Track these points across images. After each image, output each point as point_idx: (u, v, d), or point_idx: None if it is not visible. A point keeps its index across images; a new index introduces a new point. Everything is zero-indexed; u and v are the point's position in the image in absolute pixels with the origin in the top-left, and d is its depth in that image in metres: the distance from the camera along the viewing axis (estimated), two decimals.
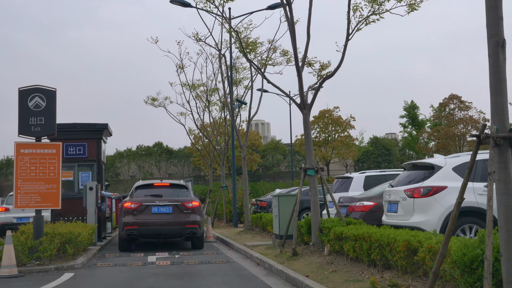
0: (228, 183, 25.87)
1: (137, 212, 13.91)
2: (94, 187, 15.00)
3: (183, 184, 15.08)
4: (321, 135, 42.32)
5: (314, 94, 10.86)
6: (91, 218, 14.90)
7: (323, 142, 42.32)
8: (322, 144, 42.42)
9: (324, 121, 41.12)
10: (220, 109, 27.04)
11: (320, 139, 42.29)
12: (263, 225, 17.31)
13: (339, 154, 40.68)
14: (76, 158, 16.44)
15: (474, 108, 40.07)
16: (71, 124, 16.54)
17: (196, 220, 14.06)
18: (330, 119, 40.68)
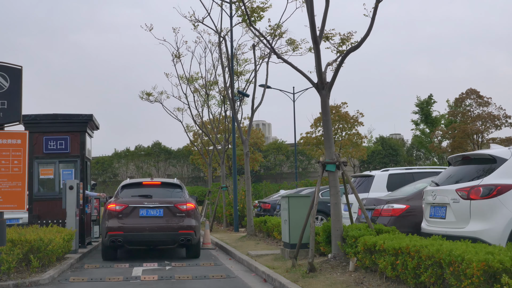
0: (229, 183, 23.87)
1: (123, 215, 11.93)
2: (75, 186, 13.02)
3: (176, 183, 13.09)
4: None
5: (335, 71, 8.87)
6: (71, 221, 12.91)
7: None
8: None
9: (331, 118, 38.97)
10: (219, 103, 25.05)
11: None
12: (268, 231, 15.31)
13: (347, 153, 38.47)
14: (57, 153, 14.47)
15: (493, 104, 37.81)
16: (51, 115, 14.56)
17: (191, 225, 12.08)
18: (337, 115, 38.46)
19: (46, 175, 14.50)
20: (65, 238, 10.94)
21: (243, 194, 21.06)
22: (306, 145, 41.68)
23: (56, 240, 10.23)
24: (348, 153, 38.94)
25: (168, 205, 12.08)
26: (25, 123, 14.35)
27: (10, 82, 9.40)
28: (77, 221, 13.13)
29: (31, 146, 14.41)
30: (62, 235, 10.94)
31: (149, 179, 13.14)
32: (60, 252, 10.63)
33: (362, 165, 54.75)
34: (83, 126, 14.67)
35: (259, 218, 16.72)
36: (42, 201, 14.29)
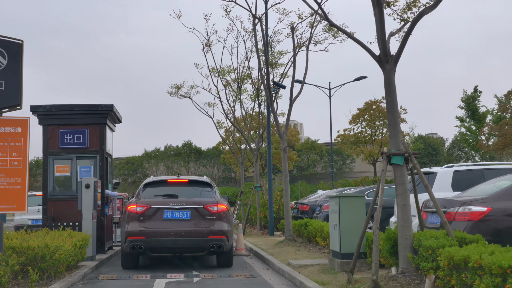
0: (262, 182, 22.20)
1: (144, 217, 10.35)
2: (91, 184, 11.50)
3: (206, 181, 11.46)
4: (366, 131, 37.96)
5: (402, 40, 7.11)
6: (87, 224, 11.40)
7: (370, 139, 37.93)
8: (369, 140, 38.01)
9: (371, 113, 36.81)
10: (252, 97, 23.38)
11: (365, 135, 37.95)
12: (309, 235, 13.58)
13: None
14: (74, 148, 13.01)
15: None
16: (67, 105, 13.10)
17: (222, 230, 10.44)
18: (378, 111, 36.31)
19: (62, 172, 13.05)
20: (77, 244, 9.41)
21: (279, 195, 19.37)
22: (343, 143, 39.56)
23: (65, 247, 8.69)
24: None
25: (197, 207, 10.46)
26: (39, 115, 13.00)
27: (8, 59, 7.90)
28: (94, 224, 11.62)
29: (45, 140, 13.01)
30: (74, 240, 9.41)
31: (175, 177, 11.54)
32: (71, 261, 9.10)
33: None
34: (102, 117, 13.17)
35: (298, 221, 15.01)
36: (57, 201, 12.85)
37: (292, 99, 14.75)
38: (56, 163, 13.02)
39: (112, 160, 14.69)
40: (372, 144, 38.29)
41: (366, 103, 37.60)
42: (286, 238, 14.43)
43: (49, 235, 9.49)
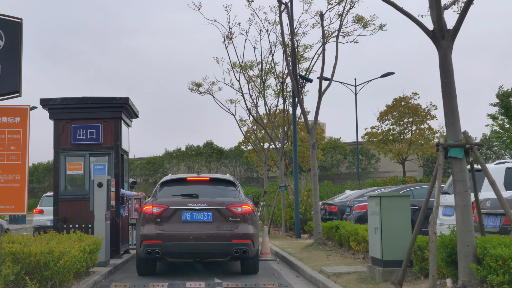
0: (288, 182, 21.13)
1: (161, 219, 9.38)
2: (104, 183, 10.58)
3: (229, 180, 10.45)
4: (394, 129, 36.49)
5: (462, 11, 6.00)
6: (100, 226, 10.48)
7: (398, 137, 36.45)
8: (397, 138, 36.53)
9: (399, 110, 35.38)
10: (277, 93, 22.31)
11: (394, 133, 36.48)
12: (340, 239, 12.49)
13: (419, 149, 34.76)
14: (87, 144, 12.11)
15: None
16: (79, 98, 12.21)
17: (247, 233, 9.41)
18: (407, 107, 34.87)
19: (74, 170, 12.16)
20: (86, 249, 8.46)
21: (306, 195, 18.30)
22: (370, 142, 38.08)
23: (72, 252, 7.75)
24: (419, 149, 35.15)
25: (219, 207, 9.46)
26: (50, 108, 12.13)
27: (6, 40, 6.97)
28: (108, 226, 10.69)
29: (56, 136, 12.13)
30: (83, 244, 8.46)
31: (195, 175, 10.54)
32: (80, 267, 8.15)
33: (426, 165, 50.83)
34: (117, 111, 12.25)
35: (327, 223, 13.93)
36: (69, 201, 11.96)
37: (322, 91, 13.67)
38: (68, 160, 12.14)
39: (128, 157, 13.77)
40: (401, 142, 36.80)
41: (395, 100, 36.12)
42: (315, 242, 13.36)
43: (56, 239, 8.58)
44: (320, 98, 13.69)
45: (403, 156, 35.78)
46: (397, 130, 36.74)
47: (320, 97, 13.68)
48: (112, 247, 11.63)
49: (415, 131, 36.26)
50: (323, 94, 13.72)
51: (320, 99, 13.71)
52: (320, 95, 13.65)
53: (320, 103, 13.77)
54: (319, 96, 13.66)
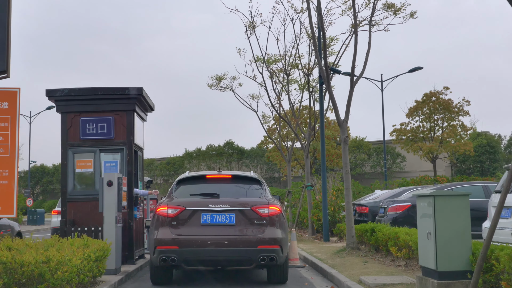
0: (314, 181, 19.89)
1: (178, 222, 8.26)
2: (115, 181, 9.48)
3: (254, 177, 9.26)
4: (424, 126, 34.81)
5: None
6: (110, 230, 9.39)
7: (428, 134, 34.79)
8: (427, 136, 34.89)
9: (430, 106, 33.71)
10: (301, 86, 21.08)
11: (424, 130, 34.82)
12: (377, 243, 11.24)
13: (451, 147, 33.04)
14: (97, 140, 11.06)
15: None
16: (88, 88, 11.16)
17: (275, 238, 8.24)
18: (438, 103, 33.17)
19: (83, 168, 11.10)
20: (91, 256, 7.36)
21: (334, 195, 17.06)
22: (399, 139, 36.39)
23: (73, 261, 6.65)
24: (451, 147, 33.43)
25: (243, 208, 8.30)
26: (57, 100, 11.10)
27: None
28: (119, 229, 9.60)
29: (64, 130, 11.10)
30: (89, 251, 7.36)
31: (215, 172, 9.38)
32: (83, 278, 7.05)
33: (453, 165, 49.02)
34: (130, 103, 11.17)
35: (359, 226, 12.70)
36: (78, 201, 10.91)
37: (354, 81, 12.44)
38: (77, 157, 11.09)
39: (143, 154, 12.68)
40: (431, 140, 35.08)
41: (425, 95, 34.42)
42: (347, 246, 12.12)
43: (57, 245, 7.50)
44: (352, 88, 12.45)
45: (434, 154, 34.13)
46: (427, 127, 35.02)
47: (352, 87, 12.44)
48: (124, 252, 10.57)
49: (446, 128, 34.56)
50: (356, 83, 12.48)
51: (352, 89, 12.47)
52: (352, 84, 12.41)
53: (352, 94, 12.53)
54: (351, 86, 12.43)
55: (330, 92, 12.45)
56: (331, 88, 12.57)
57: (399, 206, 14.07)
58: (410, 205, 13.79)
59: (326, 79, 12.46)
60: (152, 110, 12.79)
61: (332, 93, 12.49)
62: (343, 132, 12.39)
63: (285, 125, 28.29)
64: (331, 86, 12.53)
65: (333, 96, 12.45)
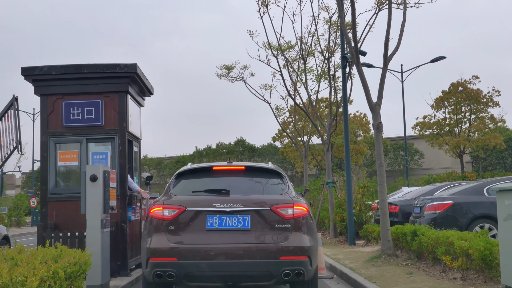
0: (335, 177, 17.94)
1: (177, 226, 6.40)
2: (100, 175, 7.64)
3: (273, 169, 7.34)
4: (451, 117, 32.47)
5: None
6: (93, 236, 7.54)
7: (454, 127, 32.51)
8: (453, 129, 32.60)
9: (457, 96, 31.36)
10: (318, 76, 19.15)
11: (451, 122, 32.48)
12: (420, 249, 9.32)
13: (481, 140, 30.66)
14: (84, 127, 9.24)
15: None
16: (72, 66, 9.32)
17: (303, 246, 6.36)
18: (465, 93, 30.82)
19: (67, 161, 9.28)
20: (60, 274, 5.49)
21: (359, 192, 15.14)
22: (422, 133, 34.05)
23: (28, 284, 4.80)
24: (481, 140, 31.12)
25: (260, 208, 6.43)
26: (35, 80, 9.28)
27: None
28: (105, 235, 7.75)
29: (44, 116, 9.31)
30: (56, 267, 5.50)
31: (225, 163, 7.47)
32: None
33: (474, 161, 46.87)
34: (122, 83, 9.33)
35: (395, 228, 10.78)
36: (61, 201, 9.11)
37: (388, 56, 10.51)
38: (60, 148, 9.28)
39: (140, 145, 10.84)
40: (458, 133, 32.76)
41: (452, 85, 32.09)
42: (383, 252, 10.21)
43: (18, 258, 5.65)
44: (386, 64, 10.53)
45: (462, 148, 31.85)
46: (454, 120, 32.67)
47: (386, 64, 10.52)
48: (116, 262, 8.76)
49: (474, 120, 32.25)
50: (390, 59, 10.56)
51: (386, 66, 10.55)
52: (386, 60, 10.49)
53: (386, 73, 10.61)
54: (385, 63, 10.51)
55: (360, 70, 10.53)
56: (361, 66, 10.63)
57: (438, 205, 12.12)
58: (452, 203, 11.87)
59: (356, 56, 10.53)
60: (151, 94, 10.95)
61: (362, 71, 10.56)
62: (375, 117, 10.47)
63: (300, 118, 26.37)
64: (360, 64, 10.59)
65: (363, 75, 10.54)
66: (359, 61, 10.51)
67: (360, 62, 10.55)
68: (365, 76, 10.49)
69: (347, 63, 14.48)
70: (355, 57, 10.50)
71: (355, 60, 10.53)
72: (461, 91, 31.24)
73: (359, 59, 10.53)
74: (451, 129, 32.52)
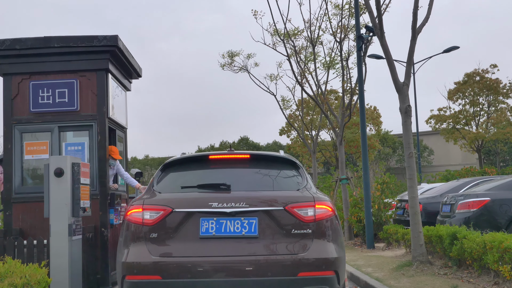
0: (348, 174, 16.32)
1: (161, 234, 4.84)
2: (67, 168, 6.06)
3: (286, 158, 5.72)
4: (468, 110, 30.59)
5: None
6: (59, 245, 5.96)
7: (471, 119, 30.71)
8: (470, 121, 30.77)
9: (474, 87, 29.55)
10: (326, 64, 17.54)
11: (467, 115, 30.64)
12: (461, 255, 7.71)
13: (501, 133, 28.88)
14: (55, 113, 7.68)
15: None
16: (40, 39, 7.73)
17: (328, 258, 4.80)
18: (482, 83, 29.01)
19: (36, 153, 7.72)
20: None
21: (378, 189, 13.54)
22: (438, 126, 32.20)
23: None
24: (501, 133, 29.33)
25: (272, 209, 4.86)
26: None
27: None
28: (75, 244, 6.17)
29: (7, 100, 7.76)
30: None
31: (225, 152, 5.86)
32: None
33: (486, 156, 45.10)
34: (101, 60, 7.75)
35: (425, 229, 9.17)
36: (28, 202, 7.55)
37: (417, 27, 8.90)
38: (26, 138, 7.73)
39: (126, 136, 9.26)
40: (476, 126, 30.95)
41: (467, 75, 30.23)
42: (414, 259, 8.60)
43: None
44: (414, 38, 8.92)
45: (480, 142, 30.00)
46: (470, 112, 30.83)
47: (414, 37, 8.91)
48: (94, 275, 7.18)
49: (494, 111, 30.42)
50: (420, 31, 8.94)
51: (414, 40, 8.95)
52: (414, 33, 8.88)
53: (415, 47, 9.00)
54: (413, 35, 8.90)
55: (384, 44, 8.92)
56: (385, 39, 9.02)
57: (473, 202, 10.51)
58: (489, 201, 10.28)
59: (380, 28, 8.92)
60: (139, 76, 9.37)
61: (387, 45, 8.96)
62: (403, 100, 8.87)
63: (307, 112, 24.79)
64: (384, 35, 8.99)
65: (388, 49, 8.94)
66: (383, 32, 8.91)
67: (384, 34, 8.93)
68: (389, 50, 8.88)
69: (362, 44, 12.89)
70: (379, 28, 8.89)
71: (378, 33, 8.92)
72: (478, 81, 29.39)
73: (383, 31, 8.92)
74: (468, 122, 30.73)
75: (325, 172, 38.54)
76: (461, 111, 30.77)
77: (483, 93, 29.56)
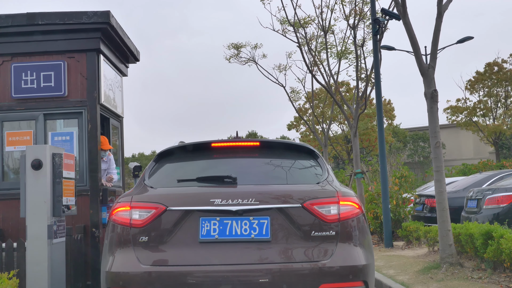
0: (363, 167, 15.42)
1: (152, 237, 3.98)
2: (46, 160, 5.21)
3: (303, 146, 4.84)
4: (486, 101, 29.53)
5: None
6: (38, 249, 5.12)
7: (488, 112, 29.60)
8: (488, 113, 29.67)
9: (492, 78, 28.46)
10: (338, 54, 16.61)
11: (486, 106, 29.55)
12: (497, 256, 6.82)
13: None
14: (40, 98, 6.85)
15: None
16: (22, 15, 6.88)
17: (355, 266, 3.93)
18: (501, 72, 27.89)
19: (19, 144, 6.90)
20: None
21: (396, 183, 12.64)
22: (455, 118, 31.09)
23: None
24: None
25: (286, 206, 3.99)
26: None
27: None
28: (57, 248, 5.33)
29: None
30: None
31: (229, 139, 4.98)
32: None
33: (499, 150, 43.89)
34: (92, 39, 6.89)
35: (453, 227, 8.27)
36: (9, 200, 6.73)
37: (443, 4, 7.98)
38: (7, 127, 6.91)
39: (122, 126, 8.40)
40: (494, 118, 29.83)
41: (487, 65, 29.07)
42: (443, 261, 7.71)
43: None
44: (440, 15, 8.01)
45: (498, 135, 28.87)
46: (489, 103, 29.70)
47: (440, 14, 8.00)
48: (83, 281, 6.35)
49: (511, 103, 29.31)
50: (446, 8, 8.03)
51: (440, 19, 8.03)
52: (440, 10, 7.97)
53: (441, 26, 8.08)
54: (439, 13, 7.99)
55: (407, 23, 8.01)
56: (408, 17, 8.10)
57: (503, 197, 9.64)
58: None
59: (402, 4, 8.00)
60: (137, 60, 8.52)
61: (410, 23, 8.05)
62: (428, 84, 7.96)
63: (317, 105, 23.88)
64: (407, 13, 8.07)
65: (411, 28, 8.02)
66: (406, 10, 7.99)
67: (407, 11, 8.02)
68: (413, 30, 7.97)
69: (379, 27, 12.00)
70: (401, 5, 7.97)
71: (400, 9, 8.00)
72: (496, 71, 28.32)
73: (406, 7, 8.00)
74: (486, 113, 29.65)
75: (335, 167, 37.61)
76: (480, 102, 29.68)
77: (502, 84, 28.50)
